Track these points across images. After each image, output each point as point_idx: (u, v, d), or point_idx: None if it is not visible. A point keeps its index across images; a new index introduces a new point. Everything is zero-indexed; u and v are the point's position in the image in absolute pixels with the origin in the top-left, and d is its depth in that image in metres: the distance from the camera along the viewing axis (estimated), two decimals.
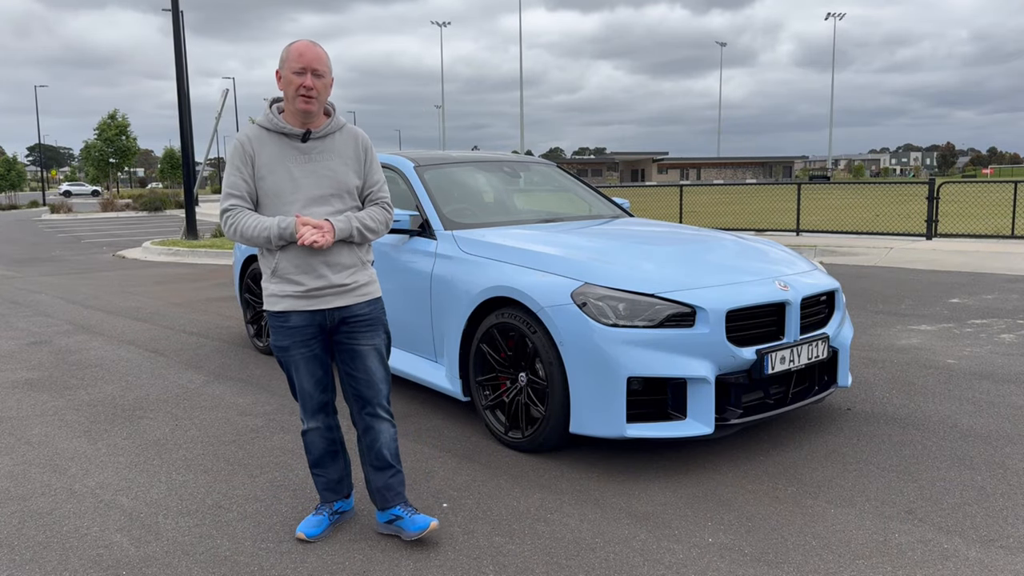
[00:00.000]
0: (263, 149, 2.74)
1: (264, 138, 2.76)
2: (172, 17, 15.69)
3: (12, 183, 55.19)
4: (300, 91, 2.67)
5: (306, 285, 2.74)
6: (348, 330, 2.84)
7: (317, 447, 2.98)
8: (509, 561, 2.78)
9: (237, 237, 2.73)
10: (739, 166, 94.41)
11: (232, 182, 2.73)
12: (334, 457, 3.01)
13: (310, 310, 2.77)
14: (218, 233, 16.42)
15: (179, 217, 25.16)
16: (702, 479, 3.47)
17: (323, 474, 3.02)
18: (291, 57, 2.68)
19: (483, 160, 5.52)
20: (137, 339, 6.67)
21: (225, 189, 2.75)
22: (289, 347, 2.82)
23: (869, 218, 16.43)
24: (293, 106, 2.71)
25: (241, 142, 2.75)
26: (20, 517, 3.19)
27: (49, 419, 4.48)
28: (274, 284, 2.78)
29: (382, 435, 2.93)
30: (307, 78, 2.66)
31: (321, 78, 2.70)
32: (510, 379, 3.85)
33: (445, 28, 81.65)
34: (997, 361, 5.43)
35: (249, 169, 2.73)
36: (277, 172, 2.73)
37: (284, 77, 2.70)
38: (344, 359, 2.89)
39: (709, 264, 4.00)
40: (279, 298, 2.78)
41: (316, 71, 2.68)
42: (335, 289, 2.78)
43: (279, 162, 2.73)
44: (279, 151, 2.75)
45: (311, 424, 2.95)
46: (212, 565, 2.78)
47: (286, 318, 2.79)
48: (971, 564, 2.71)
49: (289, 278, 2.75)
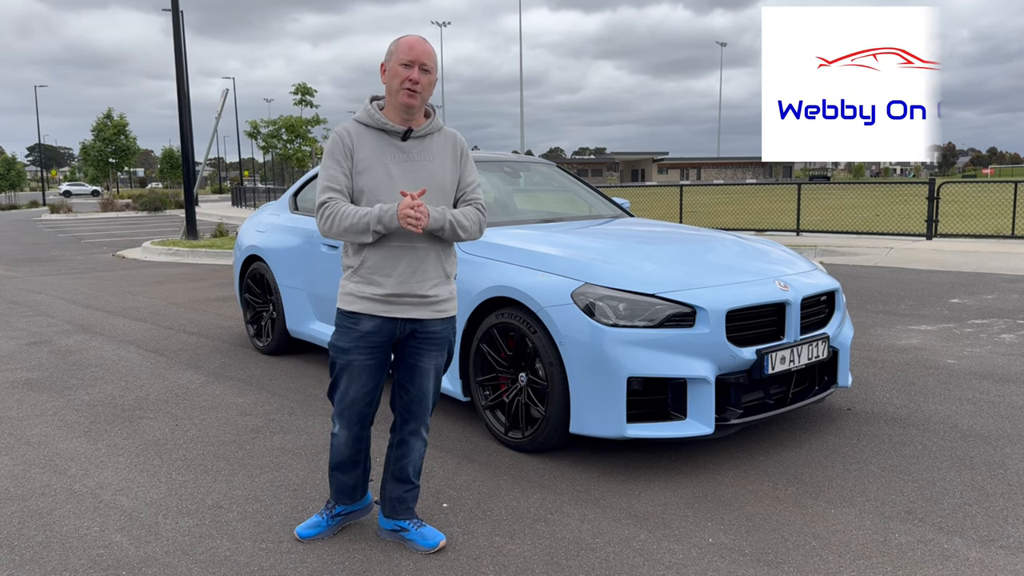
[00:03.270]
0: (362, 144, 2.67)
1: (363, 133, 2.69)
2: (172, 17, 15.70)
3: (12, 183, 55.19)
4: (406, 84, 2.60)
5: (386, 288, 2.66)
6: (416, 345, 2.76)
7: (341, 453, 2.86)
8: (509, 561, 2.78)
9: (333, 229, 2.61)
10: (739, 166, 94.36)
11: (331, 175, 2.64)
12: (355, 465, 2.91)
13: (384, 316, 2.68)
14: (218, 233, 16.42)
15: (179, 217, 25.16)
16: (702, 479, 3.47)
17: (340, 478, 2.92)
18: (400, 50, 2.62)
19: (483, 160, 5.51)
20: (137, 339, 6.67)
21: (323, 182, 2.65)
22: (350, 350, 2.71)
23: (869, 218, 16.42)
24: (396, 100, 2.65)
25: (340, 136, 2.68)
26: (20, 517, 3.19)
27: (49, 419, 4.48)
28: (353, 283, 2.70)
29: (413, 452, 2.89)
30: (414, 71, 2.61)
31: (428, 74, 2.64)
32: (510, 379, 3.85)
33: (446, 28, 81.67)
34: (997, 361, 5.43)
35: (348, 163, 2.65)
36: (375, 168, 2.66)
37: (390, 69, 2.64)
38: (402, 372, 2.81)
39: (709, 264, 4.00)
40: (356, 298, 2.69)
41: (424, 66, 2.62)
42: (414, 299, 2.70)
43: (377, 158, 2.67)
44: (378, 147, 2.68)
45: (342, 430, 2.83)
46: (212, 565, 2.78)
47: (356, 320, 2.70)
48: (971, 564, 2.71)
49: (371, 278, 2.67)
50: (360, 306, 2.69)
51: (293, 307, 5.56)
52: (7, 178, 54.94)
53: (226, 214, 27.02)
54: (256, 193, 32.92)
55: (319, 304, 5.28)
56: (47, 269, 12.44)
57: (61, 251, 15.87)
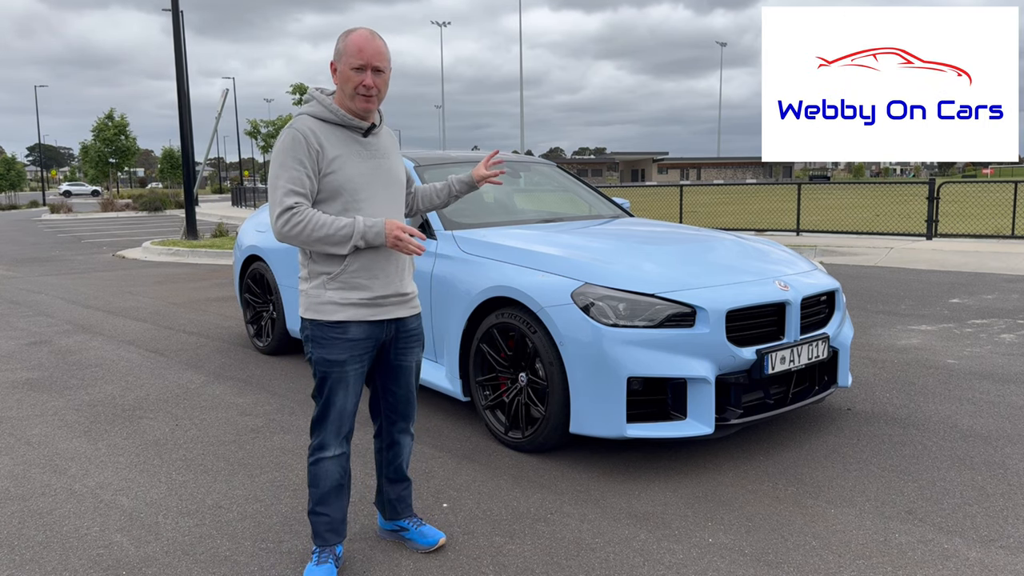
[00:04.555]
0: (328, 141, 2.50)
1: (326, 130, 2.52)
2: (172, 17, 15.70)
3: (12, 183, 55.20)
4: (360, 90, 2.47)
5: (374, 291, 2.55)
6: (400, 345, 2.69)
7: (332, 478, 2.64)
8: (509, 561, 2.78)
9: (301, 237, 2.45)
10: (739, 166, 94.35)
11: (293, 177, 2.45)
12: (339, 492, 2.68)
13: (371, 320, 2.57)
14: (218, 233, 16.41)
15: (179, 217, 25.17)
16: (702, 479, 3.47)
17: (327, 512, 2.67)
18: (349, 51, 2.46)
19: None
20: (137, 339, 6.67)
21: (284, 185, 2.45)
22: (347, 361, 2.55)
23: (869, 218, 16.42)
24: (352, 104, 2.51)
25: (304, 134, 2.47)
26: (20, 517, 3.19)
27: (49, 419, 4.48)
28: (333, 290, 2.52)
29: (404, 449, 2.86)
30: (367, 76, 2.46)
31: (381, 74, 2.50)
32: (510, 379, 3.85)
33: (447, 28, 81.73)
34: (997, 361, 5.43)
35: (313, 163, 2.47)
36: (349, 166, 2.52)
37: (341, 72, 2.48)
38: (387, 375, 2.72)
39: (709, 264, 4.00)
40: (340, 306, 2.52)
41: (377, 67, 2.47)
42: (399, 298, 2.62)
43: (348, 155, 2.53)
44: (344, 144, 2.53)
45: (337, 451, 2.64)
46: (212, 565, 2.78)
47: (344, 329, 2.53)
48: (971, 564, 2.71)
49: (356, 282, 2.53)
50: (346, 314, 2.53)
51: (293, 307, 5.56)
52: (7, 178, 54.95)
53: (226, 214, 27.02)
54: (256, 193, 32.90)
55: None
56: (47, 269, 12.44)
57: (61, 251, 15.87)
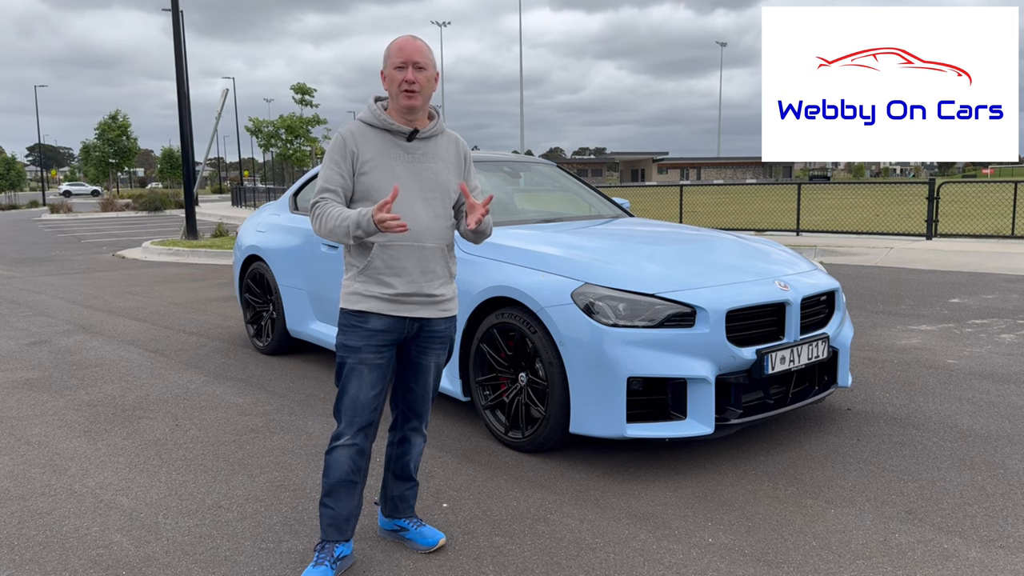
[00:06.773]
0: (367, 145, 2.65)
1: (368, 134, 2.67)
2: (172, 17, 15.70)
3: (12, 183, 55.21)
4: (403, 86, 2.59)
5: (396, 288, 2.64)
6: (421, 344, 2.75)
7: (342, 467, 2.66)
8: (509, 561, 2.78)
9: (321, 230, 2.59)
10: (739, 166, 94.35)
11: (327, 176, 2.63)
12: (350, 489, 2.70)
13: (392, 315, 2.65)
14: (218, 233, 16.42)
15: (179, 217, 25.17)
16: (702, 479, 3.47)
17: (333, 506, 2.69)
18: (392, 53, 2.61)
19: (483, 160, 5.51)
20: (137, 339, 6.67)
21: (320, 183, 2.63)
22: (361, 348, 2.65)
23: (869, 218, 16.42)
24: (397, 103, 2.64)
25: (344, 137, 2.66)
26: (20, 517, 3.19)
27: (49, 419, 4.48)
28: (359, 283, 2.66)
29: (414, 448, 2.89)
30: (409, 72, 2.59)
31: (423, 71, 2.62)
32: (510, 379, 3.85)
33: (447, 28, 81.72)
34: (997, 361, 5.43)
35: (348, 165, 2.63)
36: (380, 169, 2.64)
37: (387, 75, 2.63)
38: (406, 372, 2.79)
39: (709, 264, 4.00)
40: (363, 297, 2.65)
41: (417, 64, 2.60)
42: (423, 298, 2.69)
43: (383, 159, 2.65)
44: (383, 148, 2.67)
45: (350, 440, 2.66)
46: (212, 565, 2.78)
47: (365, 319, 2.65)
48: (971, 564, 2.71)
49: (380, 278, 2.64)
50: (368, 305, 2.65)
51: (293, 307, 5.56)
52: (7, 178, 54.98)
53: (226, 214, 27.01)
54: (256, 193, 32.92)
55: (319, 304, 5.28)
56: (47, 269, 12.44)
57: (61, 251, 15.87)
